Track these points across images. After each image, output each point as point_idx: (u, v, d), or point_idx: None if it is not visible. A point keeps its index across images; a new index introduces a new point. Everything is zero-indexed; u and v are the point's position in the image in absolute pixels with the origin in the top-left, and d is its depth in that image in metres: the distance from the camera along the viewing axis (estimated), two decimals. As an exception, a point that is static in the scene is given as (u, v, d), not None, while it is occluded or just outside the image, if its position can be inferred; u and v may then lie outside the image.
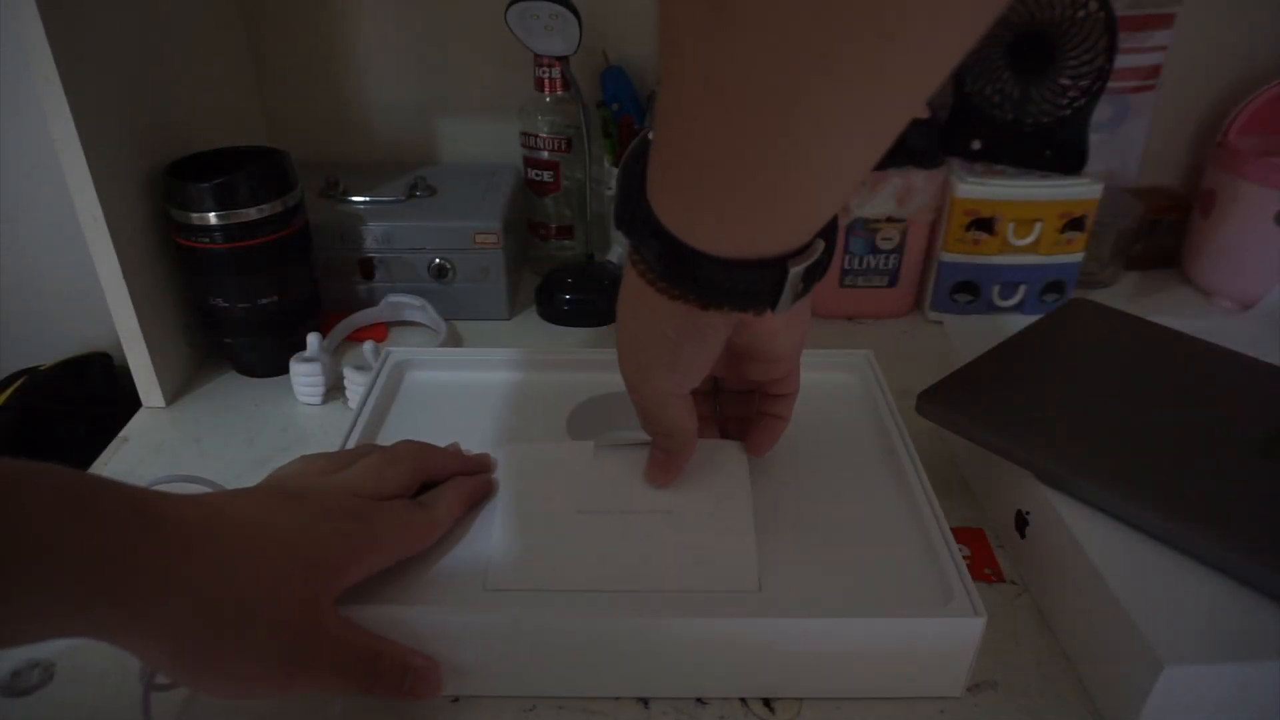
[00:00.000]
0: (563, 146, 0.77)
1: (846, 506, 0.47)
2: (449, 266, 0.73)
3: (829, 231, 0.36)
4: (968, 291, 0.75)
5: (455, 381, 0.58)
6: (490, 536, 0.44)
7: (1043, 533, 0.47)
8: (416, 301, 0.73)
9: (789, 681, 0.42)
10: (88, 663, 0.44)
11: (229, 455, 0.60)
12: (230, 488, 0.45)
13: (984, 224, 0.72)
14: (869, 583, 0.42)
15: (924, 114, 0.71)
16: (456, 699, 0.42)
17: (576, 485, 0.47)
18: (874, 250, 0.73)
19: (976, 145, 0.73)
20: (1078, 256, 0.73)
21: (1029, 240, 0.72)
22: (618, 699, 0.42)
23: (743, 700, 0.42)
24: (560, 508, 0.45)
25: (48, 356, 0.81)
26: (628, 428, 0.56)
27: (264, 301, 0.65)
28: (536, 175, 0.79)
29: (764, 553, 0.43)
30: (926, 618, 0.40)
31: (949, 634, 0.40)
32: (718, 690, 0.42)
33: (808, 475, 0.50)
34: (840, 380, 0.58)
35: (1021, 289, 0.75)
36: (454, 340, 0.73)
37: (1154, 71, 0.79)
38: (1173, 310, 0.77)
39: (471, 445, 0.50)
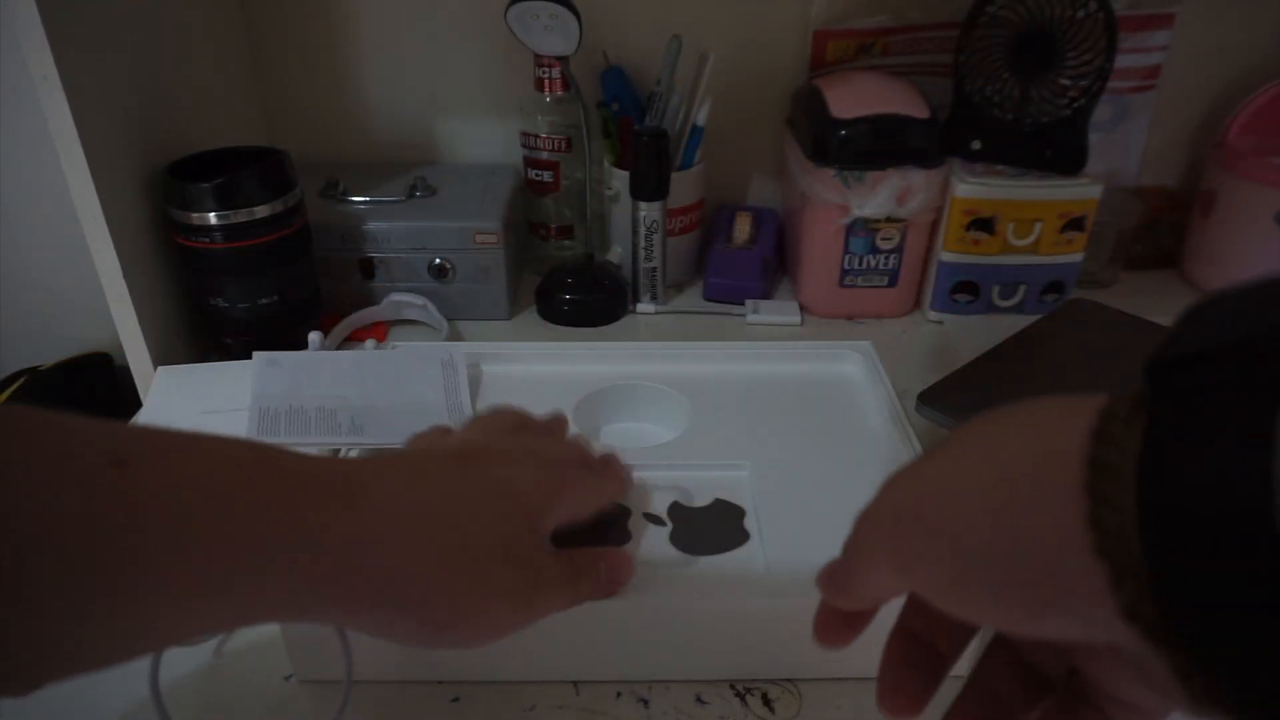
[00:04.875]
0: (563, 146, 0.77)
1: (850, 492, 0.47)
2: (449, 266, 0.73)
3: None
4: (968, 291, 0.75)
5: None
6: None
7: (1043, 532, 0.47)
8: (418, 300, 0.73)
9: (796, 664, 0.42)
10: (88, 662, 0.44)
11: (229, 455, 0.60)
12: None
13: (984, 224, 0.72)
14: None
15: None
16: (457, 699, 0.42)
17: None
18: (874, 250, 0.73)
19: (976, 145, 0.73)
20: (1078, 256, 0.73)
21: (1029, 240, 0.72)
22: (618, 696, 0.42)
23: (742, 700, 0.42)
24: None
25: (48, 356, 0.81)
26: (629, 420, 0.57)
27: (264, 301, 0.65)
28: (536, 175, 0.79)
29: (770, 537, 0.44)
30: None
31: None
32: (723, 674, 0.43)
33: (811, 462, 0.50)
34: (842, 371, 0.59)
35: (1021, 289, 0.75)
36: (455, 339, 0.73)
37: (1154, 71, 0.79)
38: (1173, 310, 0.75)
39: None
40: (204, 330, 0.69)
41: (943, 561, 0.22)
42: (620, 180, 0.77)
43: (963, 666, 0.29)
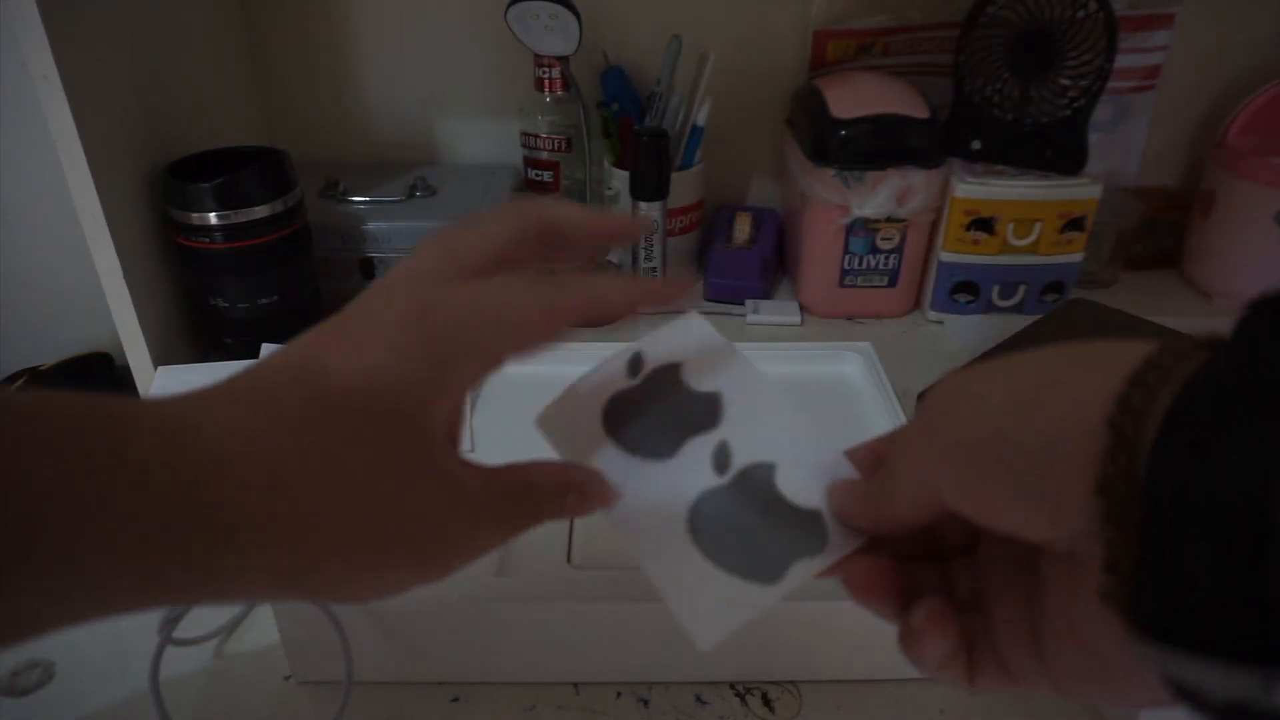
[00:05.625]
0: (563, 146, 0.77)
1: None
2: (449, 266, 0.73)
3: None
4: (968, 291, 0.75)
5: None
6: None
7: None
8: (416, 301, 0.73)
9: (796, 666, 0.42)
10: (88, 663, 0.44)
11: (229, 455, 0.60)
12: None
13: (984, 224, 0.72)
14: None
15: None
16: (457, 699, 0.42)
17: None
18: (874, 250, 0.73)
19: (976, 145, 0.73)
20: (1078, 256, 0.73)
21: (1029, 240, 0.72)
22: (618, 696, 0.42)
23: (742, 700, 0.42)
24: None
25: (48, 356, 0.81)
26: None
27: (264, 301, 0.65)
28: (536, 175, 0.79)
29: None
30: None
31: None
32: (723, 675, 0.43)
33: None
34: (841, 372, 0.59)
35: (1021, 289, 0.75)
36: (454, 340, 0.73)
37: (1154, 71, 0.79)
38: (1173, 310, 0.77)
39: (475, 438, 0.51)
40: (204, 330, 0.69)
41: (962, 423, 0.23)
42: (620, 180, 0.77)
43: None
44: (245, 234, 0.63)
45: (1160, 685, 0.18)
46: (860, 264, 0.74)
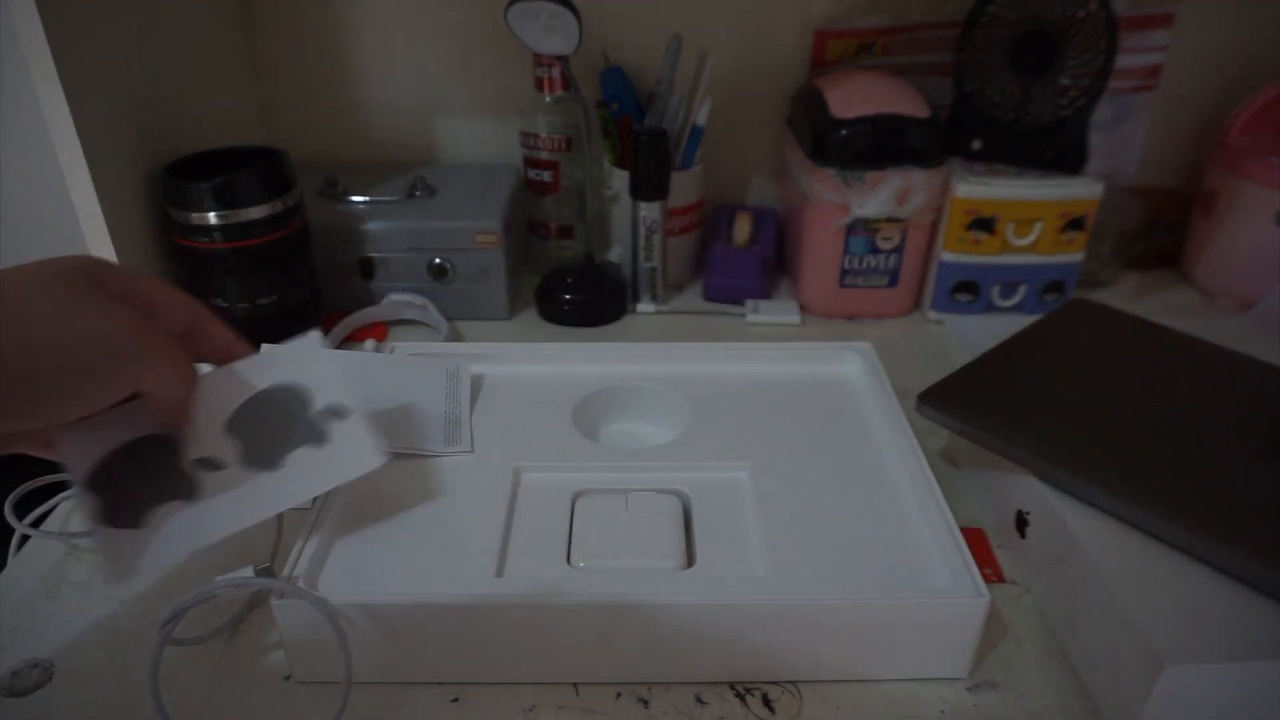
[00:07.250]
0: (563, 146, 0.77)
1: (849, 493, 0.48)
2: (449, 266, 0.73)
3: None
4: (968, 291, 0.75)
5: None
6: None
7: (1043, 533, 0.47)
8: (418, 301, 0.73)
9: (795, 666, 0.42)
10: (87, 663, 0.44)
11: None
12: None
13: (984, 224, 0.72)
14: (872, 566, 0.43)
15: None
16: (456, 699, 0.42)
17: None
18: (874, 250, 0.73)
19: (977, 145, 0.73)
20: (1078, 256, 0.73)
21: (1029, 240, 0.72)
22: (618, 696, 0.42)
23: (742, 700, 0.42)
24: None
25: (48, 356, 0.81)
26: (629, 420, 0.56)
27: (264, 301, 0.65)
28: (536, 175, 0.79)
29: (769, 539, 0.44)
30: (930, 599, 0.40)
31: (953, 615, 0.40)
32: (723, 675, 0.42)
33: (810, 463, 0.50)
34: (842, 371, 0.59)
35: (1022, 289, 0.75)
36: (455, 340, 0.73)
37: (1154, 71, 0.79)
38: (1173, 310, 0.77)
39: (475, 437, 0.51)
40: (204, 330, 0.68)
41: None
42: (620, 180, 0.77)
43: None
44: (245, 234, 0.63)
45: None
46: (860, 264, 0.74)
